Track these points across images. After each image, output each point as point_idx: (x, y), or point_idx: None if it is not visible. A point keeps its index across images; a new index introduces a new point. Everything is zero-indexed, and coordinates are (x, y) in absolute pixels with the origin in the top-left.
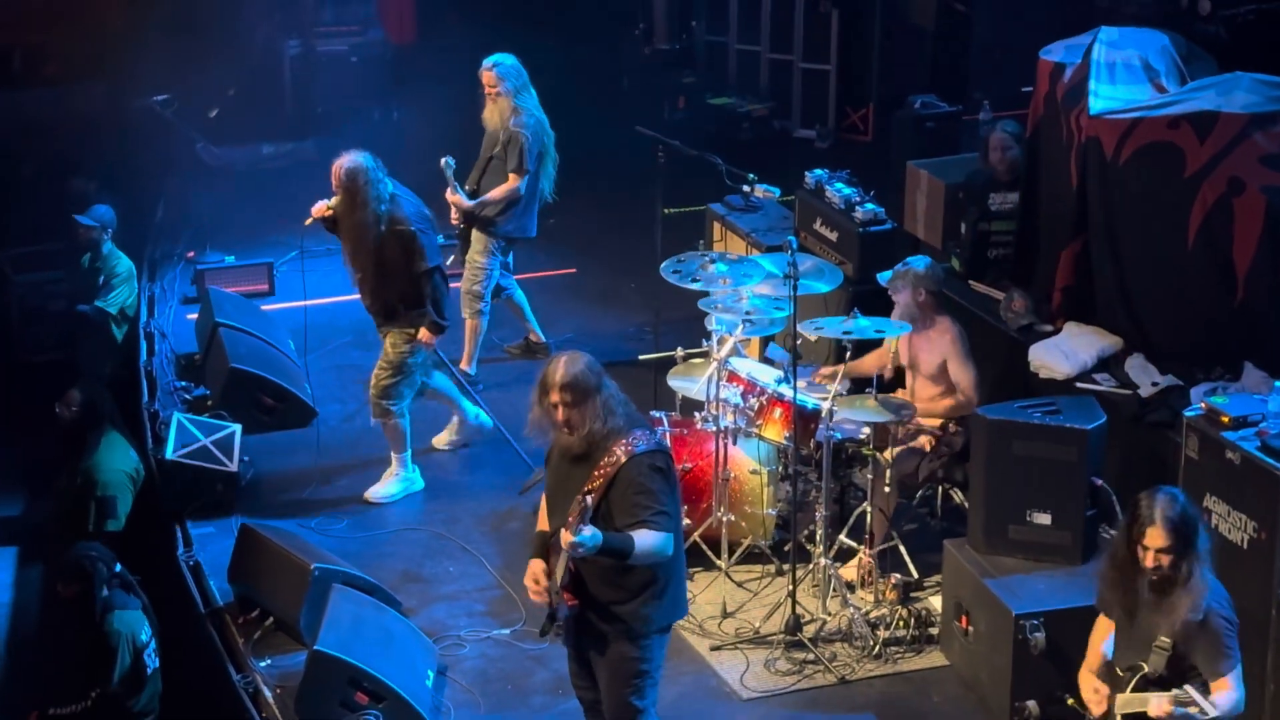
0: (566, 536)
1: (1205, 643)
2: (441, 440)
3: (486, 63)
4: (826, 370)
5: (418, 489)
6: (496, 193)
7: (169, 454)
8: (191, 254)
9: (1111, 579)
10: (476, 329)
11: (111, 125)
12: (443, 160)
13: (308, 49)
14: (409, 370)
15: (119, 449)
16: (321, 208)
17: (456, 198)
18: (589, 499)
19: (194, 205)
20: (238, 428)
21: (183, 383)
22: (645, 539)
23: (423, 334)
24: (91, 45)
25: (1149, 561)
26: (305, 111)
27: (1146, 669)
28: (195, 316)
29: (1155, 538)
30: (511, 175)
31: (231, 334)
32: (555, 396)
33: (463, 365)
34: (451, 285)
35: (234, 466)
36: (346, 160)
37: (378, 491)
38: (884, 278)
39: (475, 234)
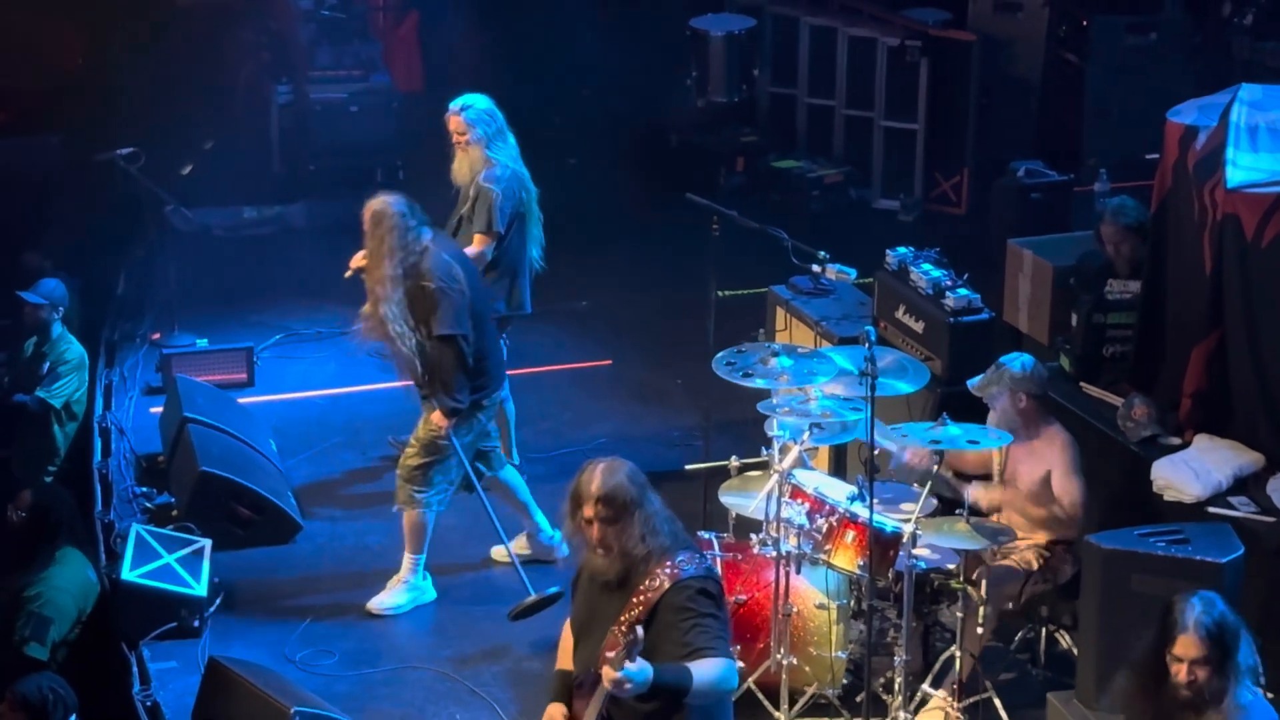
0: (609, 673)
1: None
2: (502, 554)
3: (454, 106)
4: (920, 453)
5: (428, 600)
6: None
7: (125, 573)
8: (157, 335)
9: (1135, 694)
10: (503, 413)
11: (66, 183)
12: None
13: (299, 96)
14: (442, 453)
15: (72, 568)
16: (360, 258)
17: None
18: (639, 629)
19: (161, 278)
20: (207, 543)
21: (143, 489)
22: (705, 669)
23: (435, 417)
24: (45, 90)
25: (1181, 675)
26: (295, 169)
27: None
28: (160, 410)
29: (1188, 647)
30: (478, 237)
31: (202, 431)
32: (590, 510)
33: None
34: None
35: (202, 589)
36: (375, 203)
37: (383, 601)
38: (974, 383)
39: None
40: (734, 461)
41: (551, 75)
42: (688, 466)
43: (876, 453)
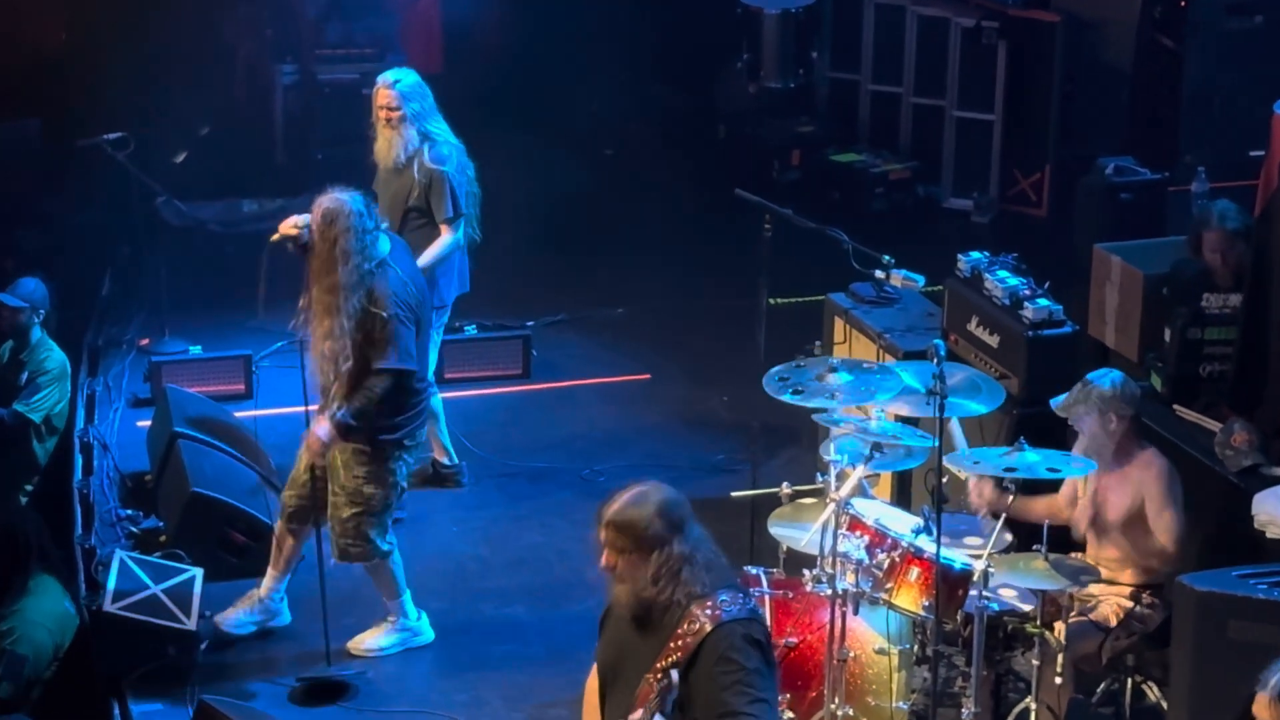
0: None
1: None
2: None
3: (384, 79)
4: (988, 493)
5: (425, 641)
6: (431, 254)
7: (107, 605)
8: (145, 341)
9: None
10: (433, 415)
11: (45, 172)
12: None
13: (306, 77)
14: (368, 503)
15: (47, 599)
16: (294, 224)
17: None
18: (674, 674)
19: (150, 277)
20: (198, 572)
21: (128, 511)
22: None
23: (317, 425)
24: (22, 69)
25: None
26: (300, 157)
27: None
28: (148, 424)
29: (1263, 709)
30: (444, 226)
31: (194, 448)
32: (602, 534)
33: (435, 455)
34: None
35: (191, 623)
36: (326, 200)
37: (364, 643)
38: (1057, 402)
39: None
40: (785, 488)
41: (586, 56)
42: (733, 494)
43: (945, 480)
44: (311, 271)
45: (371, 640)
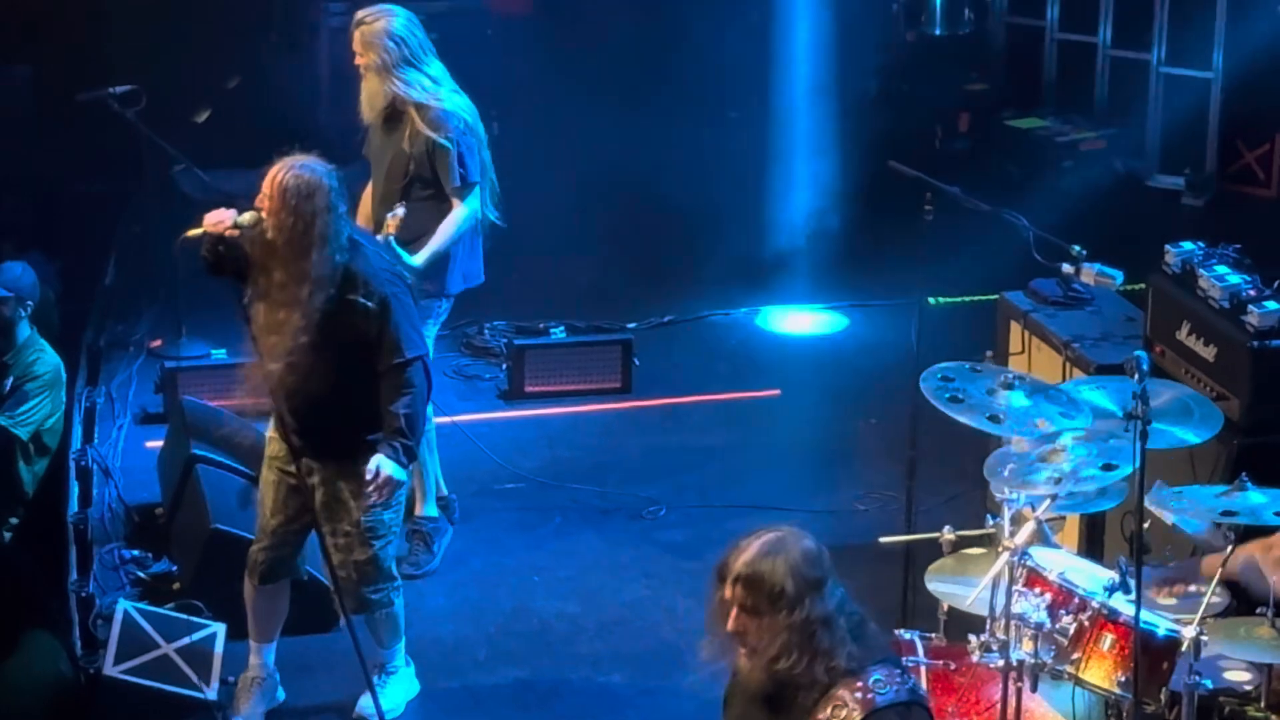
0: None
1: None
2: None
3: (356, 18)
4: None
5: (415, 691)
6: (444, 234)
7: (108, 667)
8: (157, 343)
9: None
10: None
11: (38, 130)
12: (392, 214)
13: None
14: (390, 532)
15: (37, 658)
16: (224, 221)
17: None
18: None
19: (164, 264)
20: (220, 628)
21: (135, 551)
22: None
23: (379, 462)
24: (12, 6)
25: None
26: (349, 117)
27: None
28: (159, 445)
29: None
30: (454, 199)
31: (216, 475)
32: (729, 592)
33: (417, 510)
34: None
35: (211, 691)
36: (292, 169)
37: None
38: None
39: None
40: (947, 534)
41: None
42: (882, 539)
43: (1147, 525)
44: (260, 263)
45: (383, 700)
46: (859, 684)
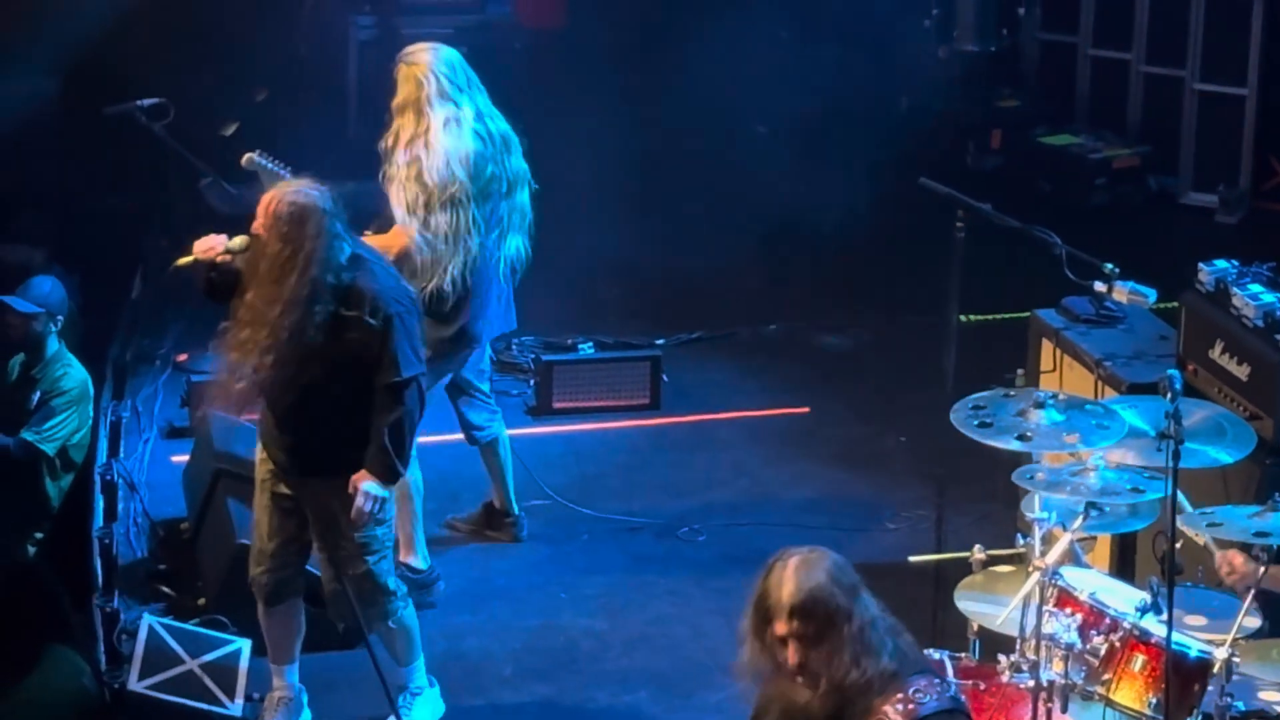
0: None
1: None
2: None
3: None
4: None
5: (441, 712)
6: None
7: (133, 683)
8: (184, 357)
9: None
10: (407, 497)
11: (62, 145)
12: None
13: (387, 31)
14: (384, 546)
15: (61, 674)
16: (215, 247)
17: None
18: None
19: (190, 278)
20: (245, 644)
21: (161, 567)
22: None
23: (360, 479)
24: (34, 23)
25: None
26: (377, 130)
27: None
28: (185, 459)
29: None
30: (397, 228)
31: (241, 490)
32: (783, 627)
33: (402, 557)
34: None
35: (235, 707)
36: (286, 196)
37: None
38: None
39: None
40: (978, 553)
41: (738, 12)
42: (911, 558)
43: (1179, 545)
44: (253, 285)
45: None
46: (899, 695)
